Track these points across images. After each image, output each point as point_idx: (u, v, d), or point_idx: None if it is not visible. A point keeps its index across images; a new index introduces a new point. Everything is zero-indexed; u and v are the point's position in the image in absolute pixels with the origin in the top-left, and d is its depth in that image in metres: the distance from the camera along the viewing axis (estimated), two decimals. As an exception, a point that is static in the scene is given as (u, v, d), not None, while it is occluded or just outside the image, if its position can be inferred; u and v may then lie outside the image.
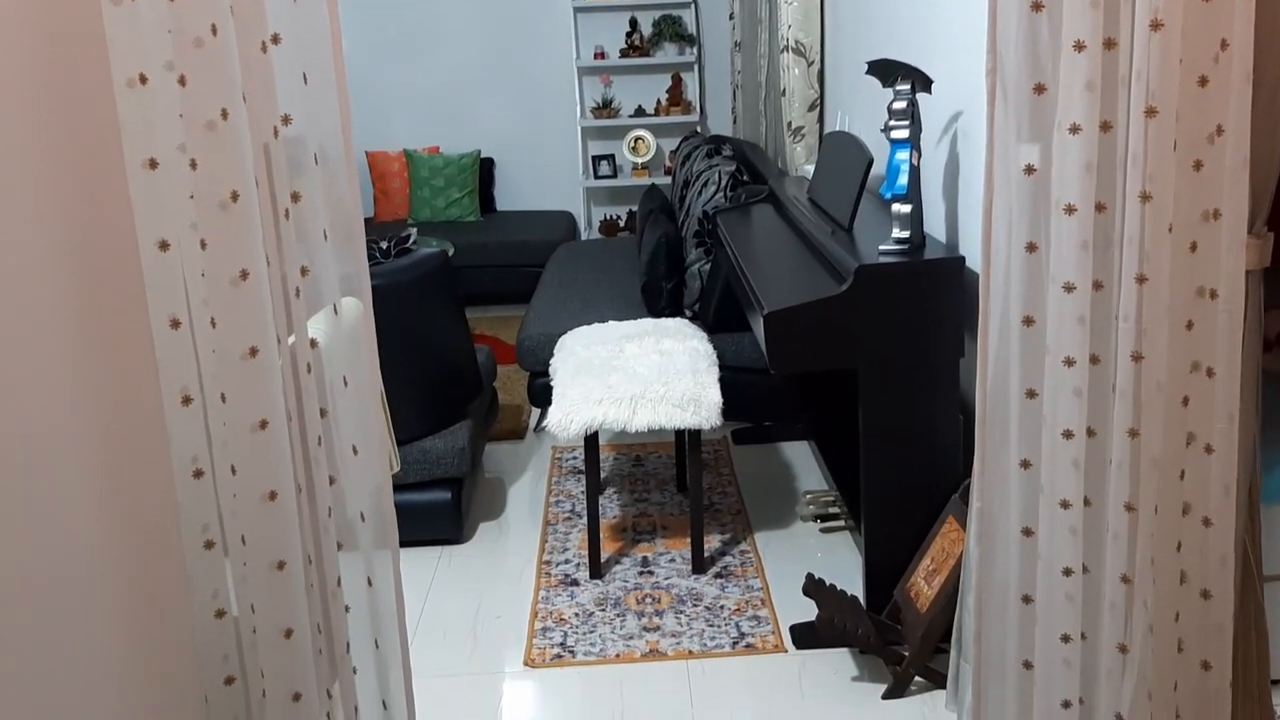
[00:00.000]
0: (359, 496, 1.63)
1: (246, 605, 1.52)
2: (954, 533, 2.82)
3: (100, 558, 1.33)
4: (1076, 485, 1.50)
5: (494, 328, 5.87)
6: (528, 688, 3.00)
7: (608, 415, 3.32)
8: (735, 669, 3.03)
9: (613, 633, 3.20)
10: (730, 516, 3.89)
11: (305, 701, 1.54)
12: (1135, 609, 1.51)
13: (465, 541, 3.78)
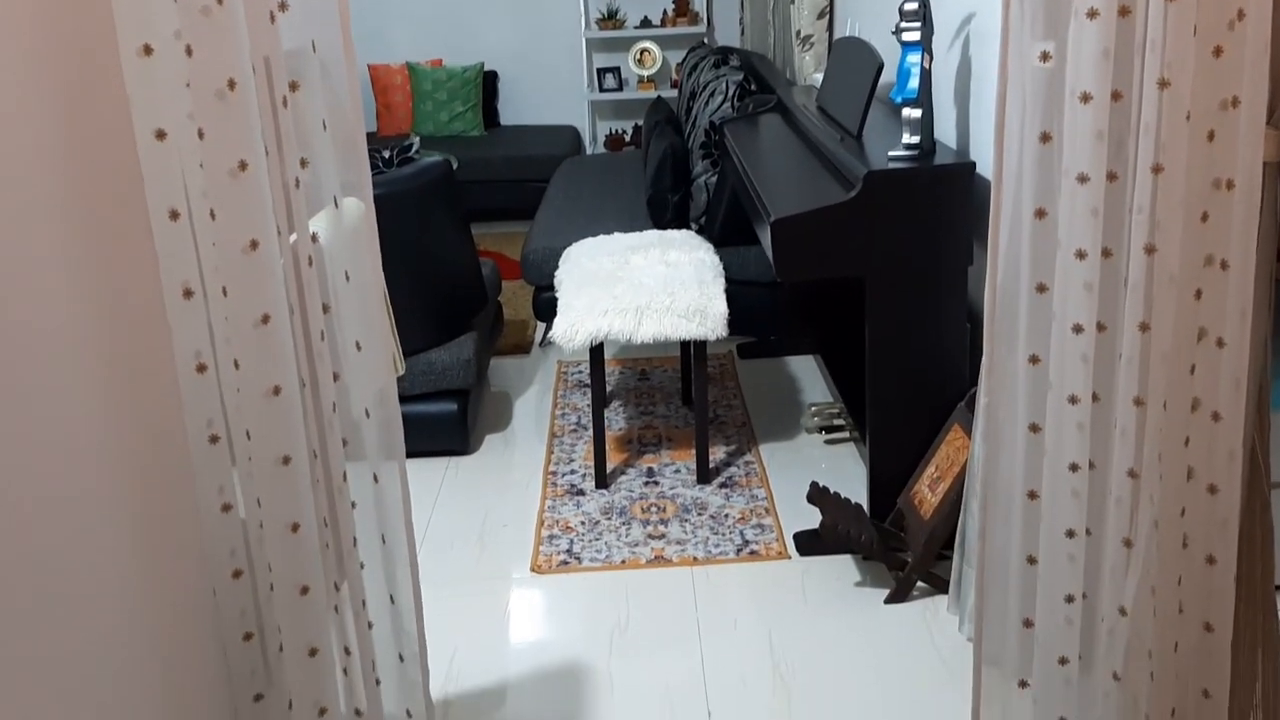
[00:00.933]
0: (363, 394, 1.63)
1: (252, 500, 1.53)
2: (959, 440, 2.82)
3: (104, 452, 1.33)
4: (1085, 381, 1.49)
5: (498, 244, 5.83)
6: (534, 593, 3.04)
7: (613, 326, 3.31)
8: (739, 575, 3.05)
9: (618, 540, 3.23)
10: (735, 429, 3.89)
11: (313, 595, 1.56)
12: (1141, 504, 1.51)
13: (471, 453, 3.79)
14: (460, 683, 2.66)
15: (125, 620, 1.34)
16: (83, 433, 1.29)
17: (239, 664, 1.60)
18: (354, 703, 1.63)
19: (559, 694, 2.62)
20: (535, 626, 2.94)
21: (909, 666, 2.64)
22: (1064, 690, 1.60)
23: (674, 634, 2.81)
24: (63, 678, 1.20)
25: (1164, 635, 1.54)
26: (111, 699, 1.30)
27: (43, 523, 1.19)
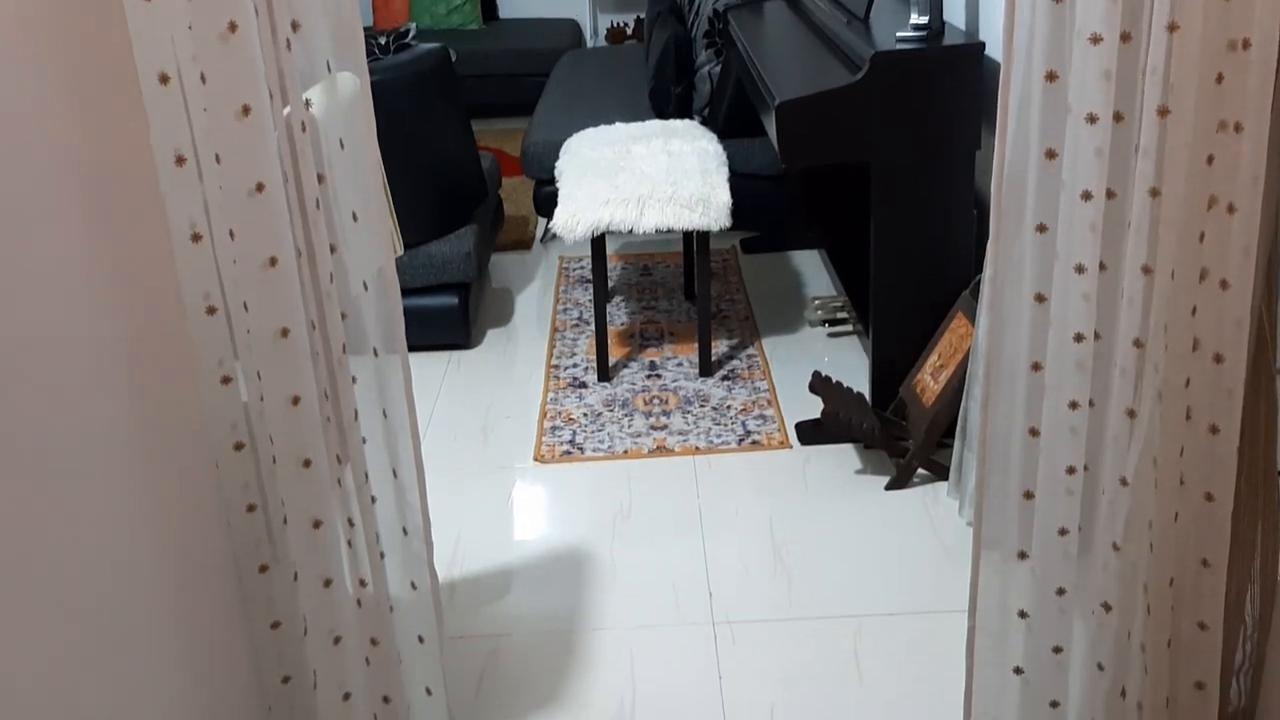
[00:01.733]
0: (362, 270, 1.61)
1: (252, 373, 1.52)
2: (962, 328, 2.81)
3: (100, 326, 1.32)
4: (1093, 249, 1.47)
5: (497, 140, 5.75)
6: (537, 482, 3.06)
7: (615, 216, 3.27)
8: (740, 464, 3.07)
9: (620, 431, 3.24)
10: (738, 323, 3.88)
11: (315, 468, 1.56)
12: (1146, 374, 1.50)
13: (473, 348, 3.79)
14: (465, 567, 2.69)
15: (128, 493, 1.35)
16: (77, 306, 1.28)
17: (243, 536, 1.61)
18: (358, 574, 1.64)
19: (563, 578, 2.65)
20: (539, 514, 2.97)
21: (909, 550, 2.67)
22: (1063, 562, 1.61)
23: (676, 521, 2.83)
24: (67, 555, 1.20)
25: (1164, 506, 1.54)
26: (116, 572, 1.31)
27: (40, 401, 1.18)
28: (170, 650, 1.42)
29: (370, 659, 1.69)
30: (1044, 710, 1.68)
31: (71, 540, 1.21)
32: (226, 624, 1.60)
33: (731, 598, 2.53)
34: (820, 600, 2.51)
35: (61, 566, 1.19)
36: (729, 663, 2.34)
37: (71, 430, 1.23)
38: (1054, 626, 1.64)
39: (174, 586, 1.45)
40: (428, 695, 1.77)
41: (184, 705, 1.44)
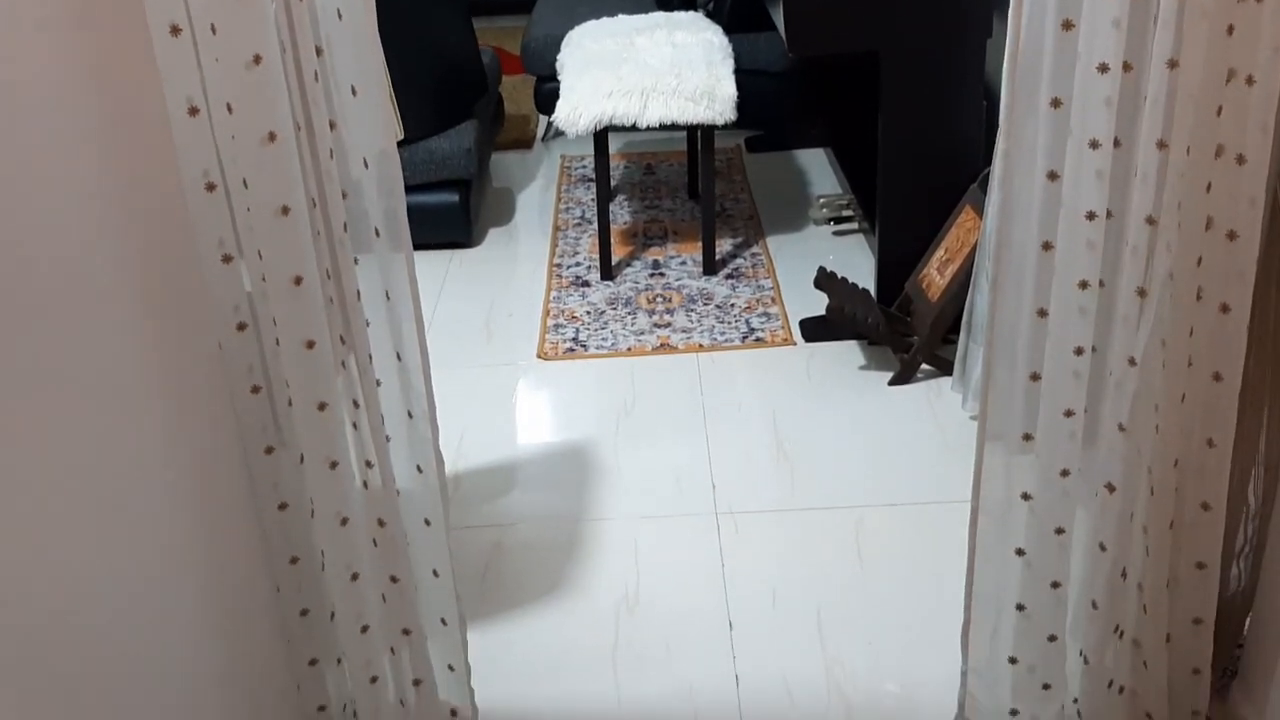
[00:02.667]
0: (362, 145, 1.58)
1: (253, 251, 1.50)
2: (970, 222, 2.78)
3: (99, 203, 1.29)
4: (1108, 123, 1.44)
5: (497, 39, 5.63)
6: (541, 378, 3.06)
7: (617, 109, 3.22)
8: (744, 361, 3.07)
9: (624, 329, 3.23)
10: (742, 222, 3.85)
11: (319, 349, 1.55)
12: (1157, 252, 1.48)
13: (475, 246, 3.76)
14: (469, 460, 2.71)
15: (133, 375, 1.34)
16: (77, 183, 1.25)
17: (249, 417, 1.61)
18: (364, 456, 1.64)
19: (566, 471, 2.66)
20: (542, 409, 2.98)
21: (911, 443, 2.68)
22: (1068, 444, 1.60)
23: (679, 416, 2.84)
24: (75, 438, 1.20)
25: (1172, 387, 1.54)
26: (125, 456, 1.31)
27: (41, 286, 1.16)
28: (179, 532, 1.43)
29: (377, 540, 1.70)
30: (1045, 591, 1.69)
31: (79, 423, 1.21)
32: (234, 506, 1.61)
33: (734, 489, 2.55)
34: (822, 492, 2.52)
35: (70, 450, 1.19)
36: (731, 551, 2.36)
37: (75, 314, 1.22)
38: (1057, 508, 1.64)
39: (182, 470, 1.45)
40: (435, 577, 1.78)
41: (193, 585, 1.45)
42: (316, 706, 1.83)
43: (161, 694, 1.34)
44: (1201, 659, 1.72)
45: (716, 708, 1.98)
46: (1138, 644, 1.71)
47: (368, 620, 1.76)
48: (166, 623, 1.37)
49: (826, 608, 2.19)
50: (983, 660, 1.78)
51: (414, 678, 1.78)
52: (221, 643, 1.53)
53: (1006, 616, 1.74)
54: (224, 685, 1.52)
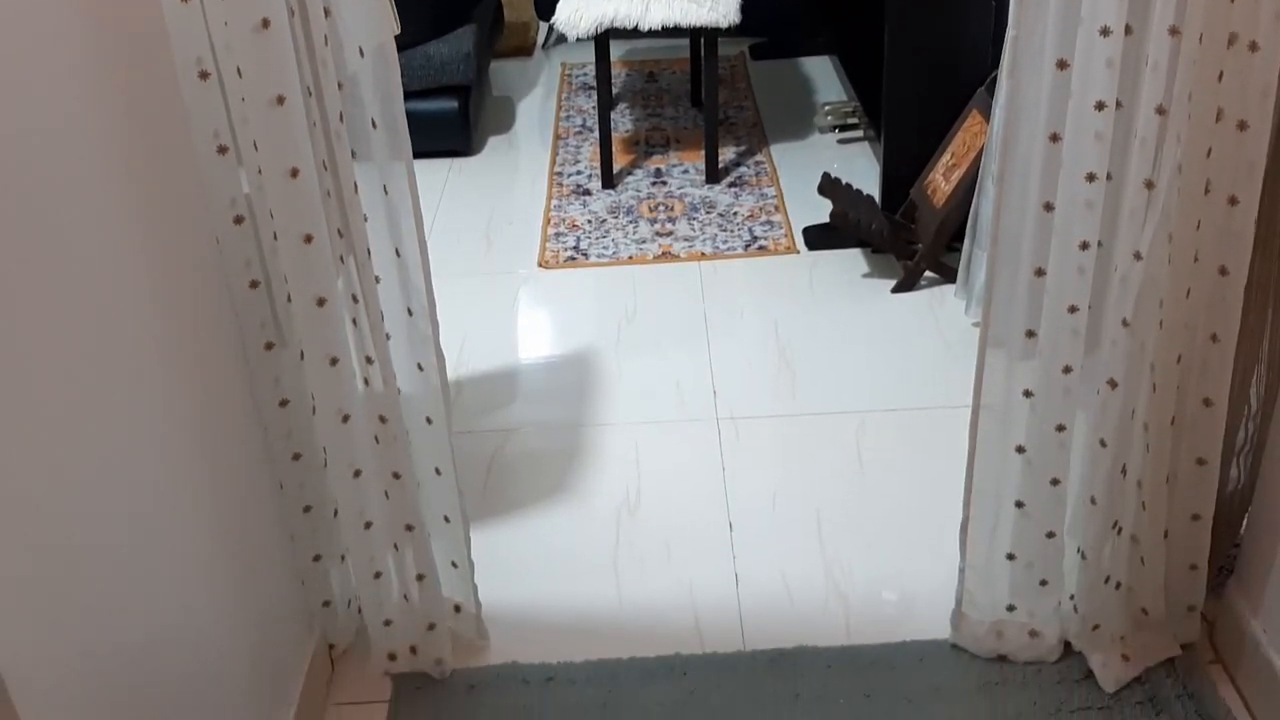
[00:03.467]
0: (358, 34, 1.55)
1: (249, 143, 1.48)
2: (976, 126, 2.74)
3: (90, 92, 1.27)
4: (1119, 11, 1.41)
5: (498, -55, 5.51)
6: (542, 286, 3.05)
7: (619, 11, 3.15)
8: (747, 269, 3.05)
9: (625, 237, 3.21)
10: (746, 130, 3.80)
11: (317, 243, 1.53)
12: (1166, 144, 1.45)
13: (475, 154, 3.72)
14: (470, 367, 2.71)
15: (130, 270, 1.32)
16: (67, 75, 1.22)
17: (248, 313, 1.60)
18: (364, 352, 1.64)
19: (568, 378, 2.66)
20: (543, 317, 2.97)
21: (913, 349, 2.67)
22: (1071, 340, 1.59)
23: (681, 324, 2.83)
24: (74, 336, 1.19)
25: (1177, 281, 1.53)
26: (124, 351, 1.29)
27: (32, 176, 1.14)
28: (180, 430, 1.42)
29: (379, 437, 1.70)
30: (1044, 488, 1.70)
31: (73, 321, 1.19)
32: (235, 403, 1.60)
33: (736, 396, 2.55)
34: (823, 397, 2.53)
35: (70, 347, 1.18)
36: (732, 455, 2.37)
37: (66, 210, 1.20)
38: (1058, 405, 1.64)
39: (182, 366, 1.45)
40: (437, 475, 1.79)
41: (195, 483, 1.45)
42: (321, 602, 1.85)
43: (165, 593, 1.35)
44: (1199, 555, 1.73)
45: (716, 605, 2.00)
46: (1136, 540, 1.73)
47: (370, 517, 1.77)
48: (169, 521, 1.38)
49: (826, 510, 2.20)
50: (981, 557, 1.80)
51: (417, 573, 1.80)
52: (225, 540, 1.53)
53: (1005, 514, 1.75)
54: (228, 582, 1.54)
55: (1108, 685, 1.75)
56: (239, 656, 1.56)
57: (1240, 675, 1.74)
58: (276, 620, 1.71)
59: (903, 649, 1.87)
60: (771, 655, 1.87)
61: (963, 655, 1.84)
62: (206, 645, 1.47)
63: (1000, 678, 1.79)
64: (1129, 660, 1.77)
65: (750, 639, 1.92)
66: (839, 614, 1.97)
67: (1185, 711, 1.70)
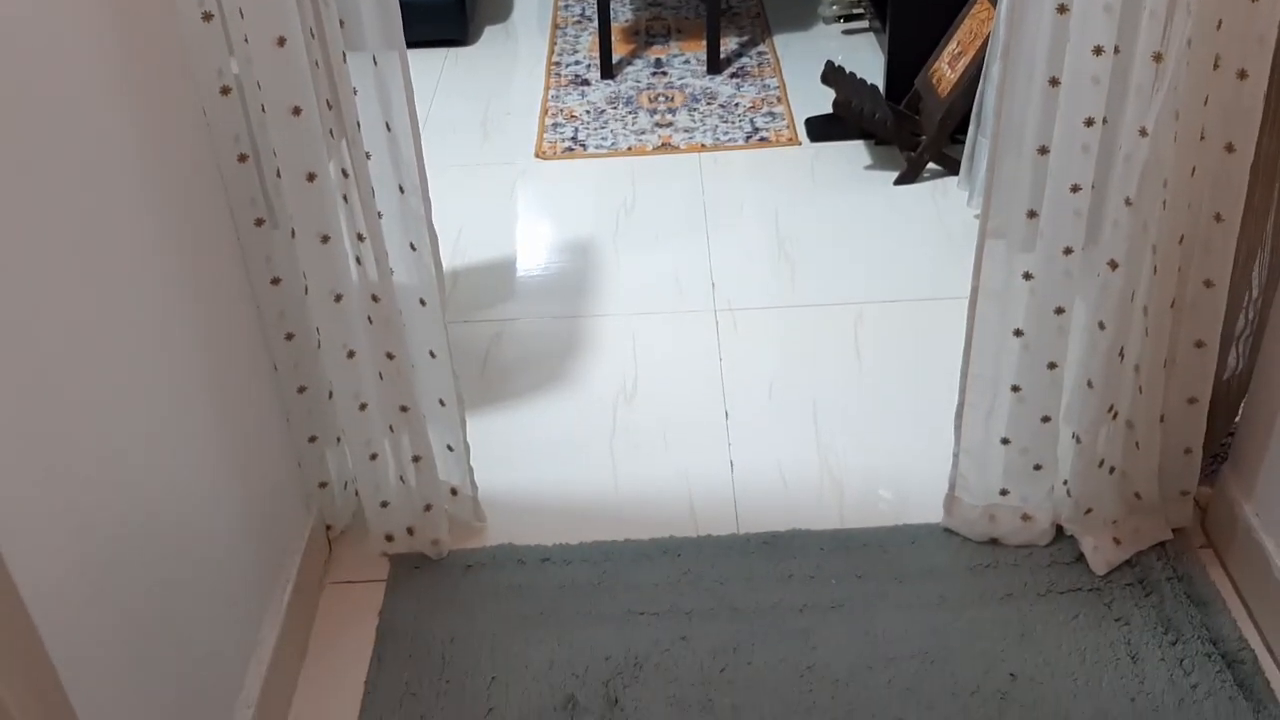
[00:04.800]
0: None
1: (234, 9, 1.44)
2: (984, 12, 2.67)
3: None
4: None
5: None
6: (539, 177, 3.01)
7: (619, -107, 3.05)
8: (747, 161, 3.01)
9: (624, 128, 3.16)
10: (748, 20, 3.71)
11: (305, 116, 1.50)
12: (1176, 16, 1.41)
13: (471, 44, 3.65)
14: (467, 258, 2.69)
15: (116, 144, 1.29)
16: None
17: (237, 189, 1.58)
18: (355, 229, 1.62)
19: (566, 269, 2.64)
20: (541, 208, 2.93)
21: (914, 241, 2.65)
22: (1073, 220, 1.57)
23: (680, 216, 2.80)
24: (57, 211, 1.16)
25: (1183, 159, 1.50)
26: (109, 226, 1.27)
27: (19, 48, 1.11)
28: (176, 305, 1.41)
29: (372, 318, 1.69)
30: (1041, 372, 1.69)
31: (64, 199, 1.17)
32: (228, 280, 1.59)
33: (734, 287, 2.53)
34: (822, 289, 2.51)
35: (58, 228, 1.16)
36: (729, 346, 2.36)
37: (50, 82, 1.16)
38: (1058, 287, 1.62)
39: (173, 240, 1.43)
40: (432, 358, 1.78)
41: (189, 362, 1.44)
42: (318, 483, 1.86)
43: (161, 467, 1.35)
44: (1194, 439, 1.73)
45: (711, 491, 2.01)
46: (1131, 425, 1.72)
47: (365, 399, 1.77)
48: (164, 396, 1.37)
49: (822, 399, 2.20)
50: (975, 442, 1.80)
51: (413, 455, 1.80)
52: (221, 417, 1.53)
53: (1001, 398, 1.74)
54: (224, 459, 1.54)
55: (1098, 568, 1.76)
56: (236, 534, 1.57)
57: (1231, 559, 1.76)
58: (273, 500, 1.72)
59: (895, 532, 1.88)
60: (765, 538, 1.89)
61: (955, 539, 1.85)
62: (203, 522, 1.48)
63: (992, 560, 1.81)
64: (1120, 544, 1.78)
65: (744, 523, 1.94)
66: (833, 500, 1.98)
67: (1174, 593, 1.72)
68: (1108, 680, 1.61)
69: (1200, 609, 1.69)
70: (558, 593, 1.81)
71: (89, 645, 1.16)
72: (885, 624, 1.71)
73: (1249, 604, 1.69)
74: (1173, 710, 1.56)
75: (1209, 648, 1.63)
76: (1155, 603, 1.71)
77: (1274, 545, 1.63)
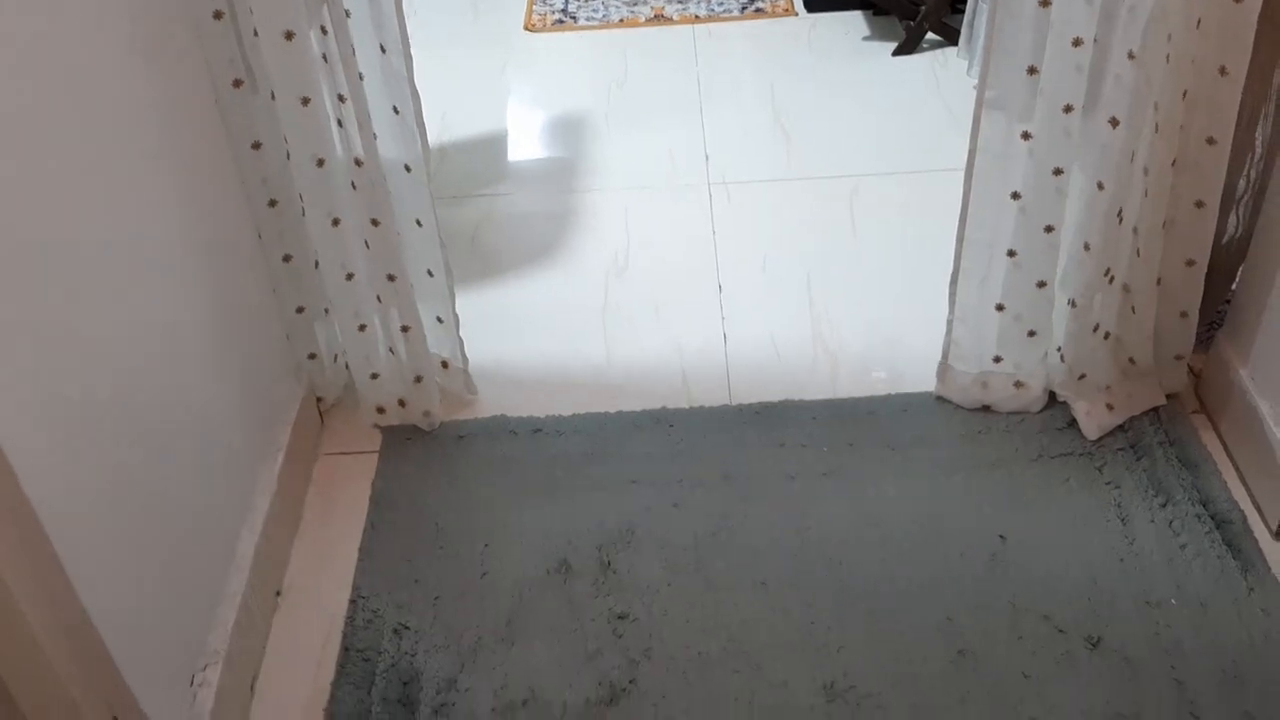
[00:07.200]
0: None
1: None
2: None
3: None
4: None
5: None
6: (529, 52, 2.94)
7: None
8: (743, 33, 2.93)
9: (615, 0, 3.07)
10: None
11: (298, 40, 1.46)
12: None
13: (459, -85, 3.52)
14: (456, 133, 2.64)
15: None
16: None
17: (214, 48, 1.52)
18: (336, 90, 1.57)
19: (557, 144, 2.59)
20: (532, 83, 2.87)
21: (912, 113, 2.59)
22: (1074, 75, 1.52)
23: (673, 89, 2.74)
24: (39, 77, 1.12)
25: (1188, 10, 1.44)
26: (90, 84, 1.23)
27: None
28: (157, 169, 1.37)
29: (356, 183, 1.65)
30: (1038, 235, 1.66)
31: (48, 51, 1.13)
32: (208, 145, 1.55)
33: (728, 161, 2.49)
34: (818, 162, 2.46)
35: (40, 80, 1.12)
36: (723, 219, 2.33)
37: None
38: (1058, 147, 1.58)
39: (154, 111, 1.39)
40: (418, 227, 1.75)
41: (174, 233, 1.41)
42: (306, 354, 1.84)
43: (147, 335, 1.34)
44: (1190, 302, 1.72)
45: (704, 364, 2.00)
46: (1127, 289, 1.70)
47: (352, 268, 1.74)
48: (147, 264, 1.34)
49: (816, 272, 2.17)
50: (970, 308, 1.78)
51: (402, 325, 1.78)
52: (206, 287, 1.51)
53: (997, 263, 1.72)
54: (212, 328, 1.52)
55: (1090, 433, 1.76)
56: (226, 402, 1.56)
57: (1223, 422, 1.75)
58: (262, 369, 1.71)
59: (887, 401, 1.87)
60: (757, 408, 1.88)
61: (947, 406, 1.85)
62: (192, 389, 1.46)
63: (984, 426, 1.81)
64: (1113, 409, 1.78)
65: (737, 394, 1.93)
66: (826, 371, 1.97)
67: (1166, 456, 1.72)
68: (1097, 541, 1.62)
69: (1191, 471, 1.69)
70: (550, 462, 1.81)
71: (79, 510, 1.16)
72: (877, 490, 1.72)
73: (1240, 466, 1.70)
74: (1161, 569, 1.57)
75: (1199, 509, 1.64)
76: (1146, 466, 1.71)
77: (1268, 407, 1.63)
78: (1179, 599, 1.53)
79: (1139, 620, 1.51)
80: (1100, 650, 1.47)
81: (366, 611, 1.58)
